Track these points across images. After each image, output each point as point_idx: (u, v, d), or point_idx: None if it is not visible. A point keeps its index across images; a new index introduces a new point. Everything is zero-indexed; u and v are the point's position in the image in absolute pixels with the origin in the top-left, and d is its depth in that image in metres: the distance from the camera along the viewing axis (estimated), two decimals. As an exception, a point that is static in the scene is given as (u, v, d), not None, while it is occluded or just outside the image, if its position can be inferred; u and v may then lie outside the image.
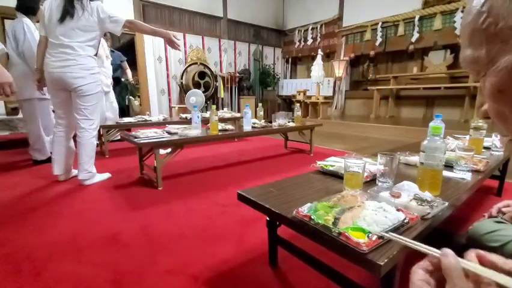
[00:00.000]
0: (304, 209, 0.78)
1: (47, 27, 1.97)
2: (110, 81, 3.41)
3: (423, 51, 5.61)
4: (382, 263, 0.58)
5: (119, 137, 3.37)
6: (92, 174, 2.15)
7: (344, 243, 0.64)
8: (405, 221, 0.72)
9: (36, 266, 1.15)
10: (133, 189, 2.07)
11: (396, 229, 0.69)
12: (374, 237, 0.64)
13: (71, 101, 2.07)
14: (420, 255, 0.39)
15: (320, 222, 0.71)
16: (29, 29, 2.51)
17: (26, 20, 2.54)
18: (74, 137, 2.18)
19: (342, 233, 0.65)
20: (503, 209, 0.85)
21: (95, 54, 2.10)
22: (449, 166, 1.21)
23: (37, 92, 2.56)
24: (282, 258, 1.14)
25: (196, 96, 4.19)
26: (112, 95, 3.45)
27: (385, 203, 0.78)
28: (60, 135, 2.15)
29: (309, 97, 6.40)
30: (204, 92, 6.26)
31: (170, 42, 2.16)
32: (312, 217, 0.73)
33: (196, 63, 6.41)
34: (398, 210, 0.76)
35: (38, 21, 2.72)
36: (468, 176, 1.14)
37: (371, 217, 0.70)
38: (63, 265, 1.16)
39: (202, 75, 6.35)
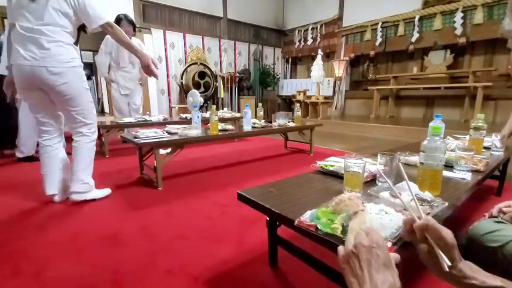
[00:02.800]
0: (307, 218, 0.74)
1: (15, 9, 1.54)
2: (130, 84, 3.51)
3: (423, 51, 5.61)
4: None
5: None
6: (89, 186, 1.80)
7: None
8: None
9: (36, 266, 1.15)
10: (133, 189, 2.07)
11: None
12: (389, 244, 0.61)
13: (51, 100, 1.68)
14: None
15: (327, 231, 0.68)
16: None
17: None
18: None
19: None
20: (504, 209, 0.85)
21: (76, 44, 1.72)
22: (449, 166, 1.21)
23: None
24: (282, 258, 1.14)
25: (193, 97, 4.21)
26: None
27: (384, 205, 0.76)
28: (47, 145, 1.74)
29: (309, 97, 6.40)
30: (204, 92, 6.27)
31: (146, 68, 1.87)
32: (319, 227, 0.70)
33: (196, 63, 6.41)
34: (397, 211, 0.74)
35: None
36: (468, 176, 1.14)
37: (378, 221, 0.68)
38: (63, 265, 1.16)
39: (202, 75, 6.35)
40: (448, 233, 0.49)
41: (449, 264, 0.48)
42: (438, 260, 0.48)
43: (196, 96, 4.23)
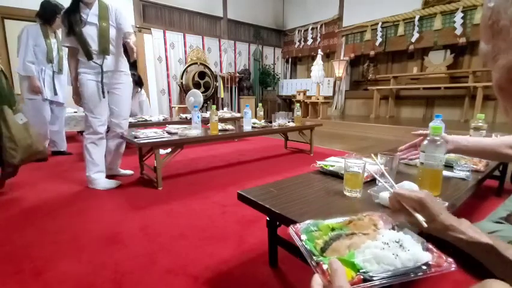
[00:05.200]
0: (302, 226, 0.64)
1: None
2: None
3: (423, 51, 5.61)
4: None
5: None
6: (89, 179, 2.08)
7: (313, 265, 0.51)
8: (424, 267, 0.50)
9: (36, 266, 1.15)
10: (133, 189, 2.07)
11: (406, 274, 0.49)
12: (356, 278, 0.48)
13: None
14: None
15: (306, 244, 0.57)
16: (26, 34, 2.70)
17: (30, 27, 2.72)
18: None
19: (319, 264, 0.50)
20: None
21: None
22: (449, 166, 1.21)
23: (27, 93, 2.80)
24: (282, 258, 1.14)
25: (194, 97, 4.20)
26: None
27: (410, 237, 0.57)
28: None
29: (309, 97, 6.40)
30: (204, 92, 6.26)
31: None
32: (302, 237, 0.60)
33: (196, 63, 6.41)
34: (427, 249, 0.54)
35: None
36: (468, 176, 1.14)
37: (373, 251, 0.52)
38: (63, 265, 1.16)
39: (202, 75, 6.35)
40: (413, 196, 0.58)
41: (424, 222, 0.56)
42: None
43: (198, 97, 4.22)
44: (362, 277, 0.48)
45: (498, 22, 0.31)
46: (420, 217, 0.57)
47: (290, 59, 8.28)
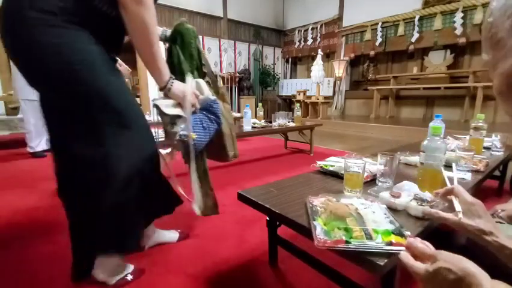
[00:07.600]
0: (322, 235, 0.67)
1: None
2: None
3: (423, 51, 5.62)
4: (382, 263, 0.58)
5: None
6: None
7: (389, 251, 0.60)
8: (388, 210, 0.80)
9: (35, 266, 1.15)
10: (133, 189, 2.06)
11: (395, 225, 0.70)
12: (409, 233, 0.66)
13: None
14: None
15: (356, 242, 0.63)
16: None
17: None
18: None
19: (391, 243, 0.62)
20: (501, 213, 0.86)
21: None
22: (449, 166, 1.21)
23: (24, 93, 2.72)
24: (282, 258, 1.14)
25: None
26: None
27: (356, 198, 0.86)
28: None
29: (309, 97, 6.40)
30: (204, 92, 6.26)
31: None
32: (347, 240, 0.64)
33: (196, 63, 6.41)
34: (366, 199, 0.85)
35: None
36: (468, 176, 1.14)
37: (374, 217, 0.74)
38: (62, 265, 1.15)
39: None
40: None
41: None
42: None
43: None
44: (408, 235, 0.65)
45: (496, 34, 0.36)
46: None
47: (290, 59, 8.28)
